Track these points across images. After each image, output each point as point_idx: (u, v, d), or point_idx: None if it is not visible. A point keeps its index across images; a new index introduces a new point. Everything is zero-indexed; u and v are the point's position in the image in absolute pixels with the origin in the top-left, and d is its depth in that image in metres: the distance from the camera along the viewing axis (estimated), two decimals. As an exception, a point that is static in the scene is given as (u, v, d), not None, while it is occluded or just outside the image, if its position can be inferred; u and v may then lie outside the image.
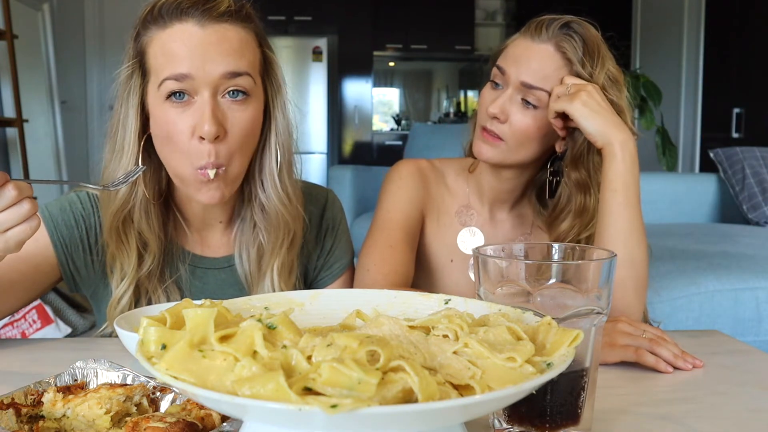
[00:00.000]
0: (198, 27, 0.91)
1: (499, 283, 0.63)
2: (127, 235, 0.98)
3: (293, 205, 1.03)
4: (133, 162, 0.96)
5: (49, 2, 4.91)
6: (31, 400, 0.64)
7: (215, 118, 0.90)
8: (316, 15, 6.54)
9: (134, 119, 0.96)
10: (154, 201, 1.00)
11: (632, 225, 1.03)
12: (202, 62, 0.90)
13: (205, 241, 1.08)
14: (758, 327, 2.10)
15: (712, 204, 3.39)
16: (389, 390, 0.42)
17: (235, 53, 0.92)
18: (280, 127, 1.01)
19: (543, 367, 0.48)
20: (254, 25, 0.97)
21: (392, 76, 7.76)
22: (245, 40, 0.94)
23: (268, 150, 1.01)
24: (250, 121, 0.94)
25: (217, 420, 0.61)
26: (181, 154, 0.93)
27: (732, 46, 4.76)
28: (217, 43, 0.91)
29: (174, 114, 0.92)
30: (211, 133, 0.89)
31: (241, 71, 0.92)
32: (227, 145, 0.93)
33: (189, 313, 0.50)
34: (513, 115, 1.08)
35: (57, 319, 3.16)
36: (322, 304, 0.66)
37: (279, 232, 1.03)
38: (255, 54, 0.96)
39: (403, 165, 1.26)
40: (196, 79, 0.90)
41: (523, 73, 1.07)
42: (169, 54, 0.91)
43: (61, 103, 4.96)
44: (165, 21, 0.91)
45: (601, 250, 0.65)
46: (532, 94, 1.07)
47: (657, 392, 0.82)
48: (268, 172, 1.01)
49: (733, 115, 4.66)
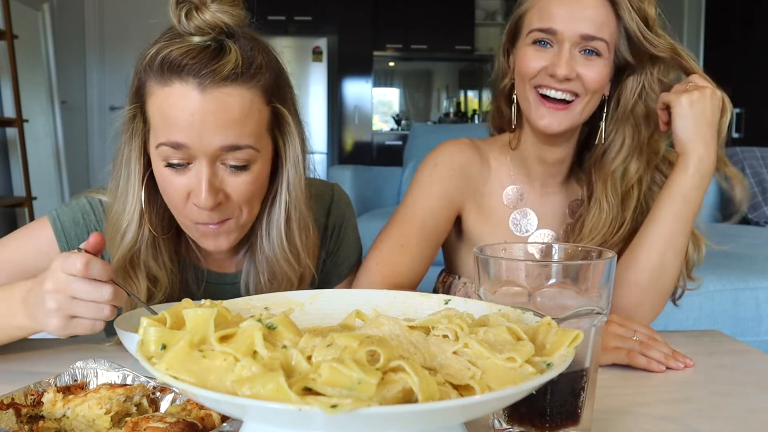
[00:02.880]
0: (198, 92, 0.83)
1: (499, 283, 0.63)
2: (135, 272, 0.95)
3: (302, 264, 0.98)
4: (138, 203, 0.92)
5: (49, 2, 4.91)
6: (31, 400, 0.64)
7: (212, 189, 0.86)
8: (316, 15, 6.54)
9: (137, 162, 0.92)
10: (164, 235, 0.97)
11: (675, 238, 1.03)
12: (200, 133, 0.84)
13: (216, 260, 1.06)
14: (758, 327, 2.10)
15: (712, 204, 3.39)
16: (389, 390, 0.42)
17: (235, 124, 0.85)
18: (291, 181, 0.95)
19: (543, 367, 0.48)
20: (265, 79, 0.89)
21: (392, 76, 7.76)
22: (249, 105, 0.86)
23: (278, 203, 0.96)
24: (249, 187, 0.90)
25: (217, 420, 0.61)
26: (179, 214, 0.92)
27: (732, 46, 4.76)
28: (217, 112, 0.84)
29: (170, 175, 0.88)
30: (207, 204, 0.86)
31: (241, 144, 0.86)
32: (230, 206, 0.90)
33: (189, 313, 0.50)
34: (583, 70, 1.04)
35: (57, 319, 3.16)
36: (322, 304, 0.66)
37: (281, 283, 0.99)
38: (262, 116, 0.89)
39: (444, 149, 1.17)
40: (192, 150, 0.85)
41: (580, 26, 1.02)
42: (166, 118, 0.85)
43: (61, 103, 4.96)
44: (165, 77, 0.85)
45: (601, 250, 0.65)
46: (592, 44, 1.03)
47: (657, 392, 0.82)
48: (275, 227, 0.96)
49: (733, 115, 4.66)
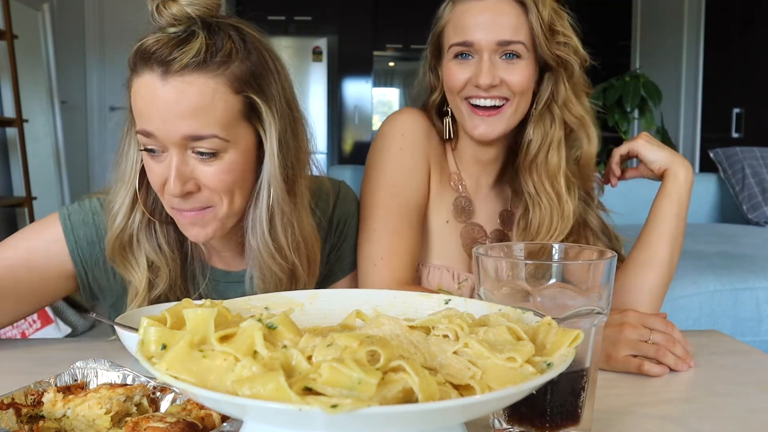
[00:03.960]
0: (160, 81, 0.84)
1: (499, 283, 0.63)
2: (135, 258, 0.97)
3: (287, 258, 0.95)
4: (132, 192, 0.95)
5: (49, 2, 4.91)
6: (31, 400, 0.64)
7: (181, 177, 0.87)
8: (316, 15, 6.55)
9: (134, 151, 0.95)
10: (163, 220, 0.98)
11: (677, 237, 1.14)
12: (163, 123, 0.85)
13: (223, 257, 1.06)
14: (758, 327, 2.10)
15: (712, 204, 3.40)
16: (389, 390, 0.42)
17: (195, 113, 0.84)
18: (272, 175, 0.92)
19: (543, 367, 0.48)
20: (234, 67, 0.87)
21: (392, 76, 7.76)
22: (212, 94, 0.85)
23: (261, 197, 0.93)
24: (222, 177, 0.89)
25: (217, 420, 0.61)
26: (162, 198, 0.93)
27: (732, 46, 4.76)
28: (177, 101, 0.84)
29: (150, 162, 0.90)
30: (175, 192, 0.87)
31: (203, 134, 0.85)
32: (204, 194, 0.90)
33: (189, 313, 0.50)
34: (505, 75, 1.07)
35: (57, 319, 3.16)
36: (322, 304, 0.66)
37: (270, 283, 0.97)
38: (228, 106, 0.87)
39: (405, 116, 1.17)
40: (159, 138, 0.86)
41: (495, 33, 1.06)
42: (138, 107, 0.88)
43: (61, 103, 4.95)
44: (138, 67, 0.87)
45: (601, 250, 0.65)
46: (510, 48, 1.07)
47: (657, 392, 0.82)
48: (258, 222, 0.94)
49: (733, 115, 4.66)
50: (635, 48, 5.92)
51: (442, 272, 1.17)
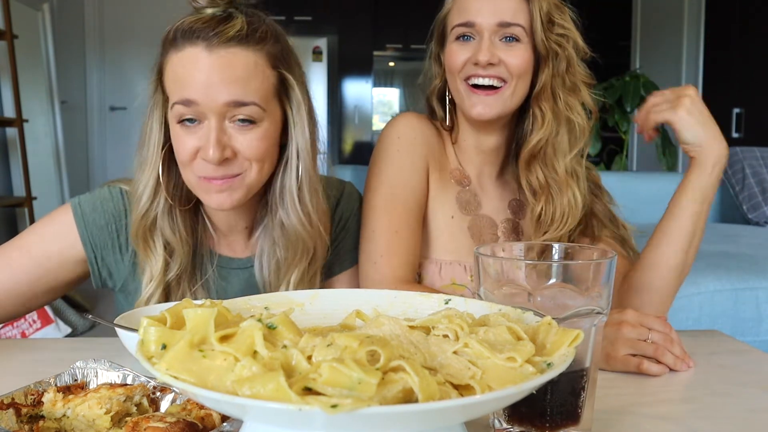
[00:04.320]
0: (206, 52, 0.91)
1: (499, 283, 0.63)
2: (154, 241, 1.01)
3: (314, 226, 1.03)
4: (156, 174, 0.99)
5: (49, 2, 4.91)
6: (31, 400, 0.64)
7: (219, 144, 0.92)
8: (316, 15, 6.55)
9: (158, 132, 0.99)
10: (181, 207, 1.03)
11: (696, 235, 1.10)
12: (207, 89, 0.91)
13: (230, 244, 1.11)
14: (758, 327, 2.10)
15: (712, 204, 3.39)
16: (389, 390, 0.42)
17: (240, 81, 0.92)
18: (301, 146, 1.01)
19: (543, 367, 0.48)
20: (268, 47, 0.96)
21: (392, 76, 7.76)
22: (254, 66, 0.94)
23: (290, 169, 1.01)
24: (258, 144, 0.95)
25: (217, 420, 0.61)
26: (187, 169, 0.97)
27: (732, 46, 4.76)
28: (222, 69, 0.91)
29: (183, 134, 0.95)
30: (214, 158, 0.92)
31: (246, 101, 0.92)
32: (238, 161, 0.95)
33: (189, 313, 0.50)
34: (504, 56, 1.09)
35: (57, 319, 3.16)
36: (322, 304, 0.66)
37: (297, 251, 1.04)
38: (266, 78, 0.96)
39: (402, 120, 1.20)
40: (201, 106, 0.91)
41: (496, 14, 1.09)
42: (179, 79, 0.93)
43: (61, 103, 4.96)
44: (179, 44, 0.93)
45: (601, 249, 0.65)
46: (510, 31, 1.09)
47: (657, 392, 0.82)
48: (288, 191, 1.02)
49: (733, 115, 4.66)
50: (635, 48, 5.92)
51: (454, 267, 1.17)
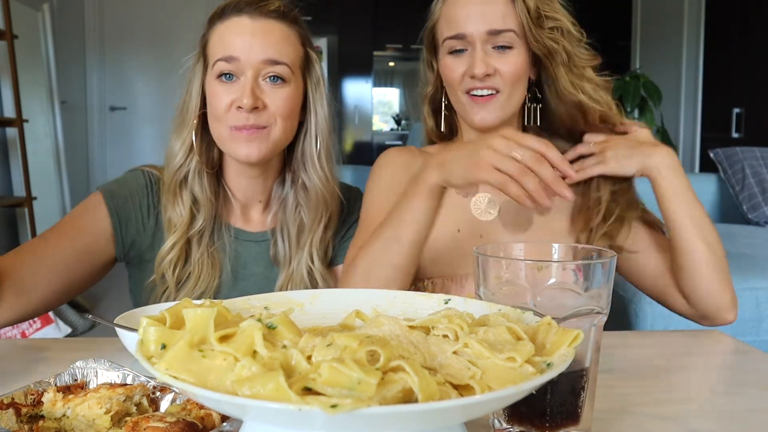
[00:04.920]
0: (249, 20, 1.09)
1: (499, 283, 0.63)
2: (182, 196, 1.15)
3: (330, 185, 1.19)
4: (190, 133, 1.14)
5: (49, 2, 4.91)
6: (31, 400, 0.64)
7: (254, 94, 1.07)
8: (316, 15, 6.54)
9: (196, 98, 1.14)
10: (208, 169, 1.16)
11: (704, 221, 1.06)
12: (248, 47, 1.08)
13: (246, 217, 1.24)
14: (758, 327, 2.09)
15: (712, 204, 3.39)
16: (389, 390, 0.42)
17: (276, 44, 1.09)
18: (320, 117, 1.17)
19: (543, 367, 0.48)
20: (299, 27, 1.15)
21: (392, 76, 7.76)
22: (288, 36, 1.12)
23: (309, 136, 1.17)
24: (287, 100, 1.10)
25: (217, 420, 0.61)
26: (221, 122, 1.10)
27: (732, 46, 4.76)
28: (262, 33, 1.09)
29: (221, 90, 1.09)
30: (248, 104, 1.06)
31: (280, 60, 1.09)
32: (267, 113, 1.09)
33: (189, 313, 0.50)
34: (498, 65, 1.10)
35: (57, 319, 3.16)
36: (322, 304, 0.66)
37: (318, 209, 1.18)
38: (296, 50, 1.13)
39: (386, 153, 1.27)
40: (241, 61, 1.07)
41: (485, 21, 1.09)
42: (223, 40, 1.10)
43: (61, 103, 4.95)
44: (225, 15, 1.11)
45: (601, 249, 0.65)
46: (501, 39, 1.09)
47: (657, 392, 0.82)
48: (309, 156, 1.17)
49: (733, 115, 4.66)
50: (635, 48, 5.92)
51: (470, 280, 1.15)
